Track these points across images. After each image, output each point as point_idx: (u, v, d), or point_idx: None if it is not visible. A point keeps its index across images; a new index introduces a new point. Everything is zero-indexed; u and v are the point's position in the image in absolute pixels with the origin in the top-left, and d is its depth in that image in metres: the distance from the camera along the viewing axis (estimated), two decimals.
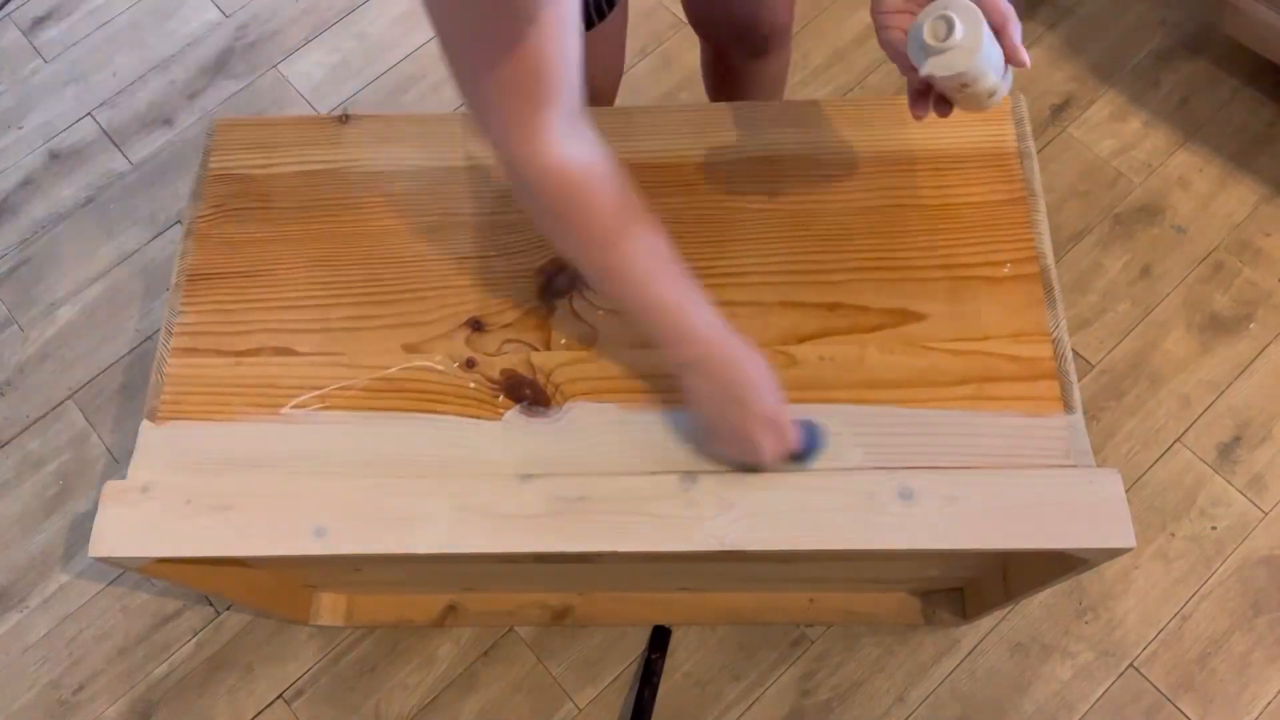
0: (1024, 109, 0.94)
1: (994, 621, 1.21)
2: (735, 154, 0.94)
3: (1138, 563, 1.23)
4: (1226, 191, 1.44)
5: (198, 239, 0.94)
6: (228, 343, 0.89)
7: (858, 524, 0.76)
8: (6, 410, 1.41)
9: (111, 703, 1.23)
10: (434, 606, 1.22)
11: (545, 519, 0.78)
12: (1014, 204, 0.90)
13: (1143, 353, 1.34)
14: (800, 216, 0.91)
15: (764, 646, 1.21)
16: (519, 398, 0.85)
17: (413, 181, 0.95)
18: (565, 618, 1.21)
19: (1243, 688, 1.17)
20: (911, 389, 0.83)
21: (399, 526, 0.78)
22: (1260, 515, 1.25)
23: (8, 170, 1.59)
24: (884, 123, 0.95)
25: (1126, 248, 1.41)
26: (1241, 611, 1.20)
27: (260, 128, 0.99)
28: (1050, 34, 1.57)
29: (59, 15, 1.73)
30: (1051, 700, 1.17)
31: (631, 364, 0.85)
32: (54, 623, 1.28)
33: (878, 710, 1.18)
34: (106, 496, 0.81)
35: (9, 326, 1.47)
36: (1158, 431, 1.30)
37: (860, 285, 0.87)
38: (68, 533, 1.33)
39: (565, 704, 1.20)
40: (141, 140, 1.61)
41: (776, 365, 0.84)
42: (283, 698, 1.23)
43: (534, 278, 0.90)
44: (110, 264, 1.51)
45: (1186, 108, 1.50)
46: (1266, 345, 1.34)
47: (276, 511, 0.79)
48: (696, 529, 0.77)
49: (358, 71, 1.64)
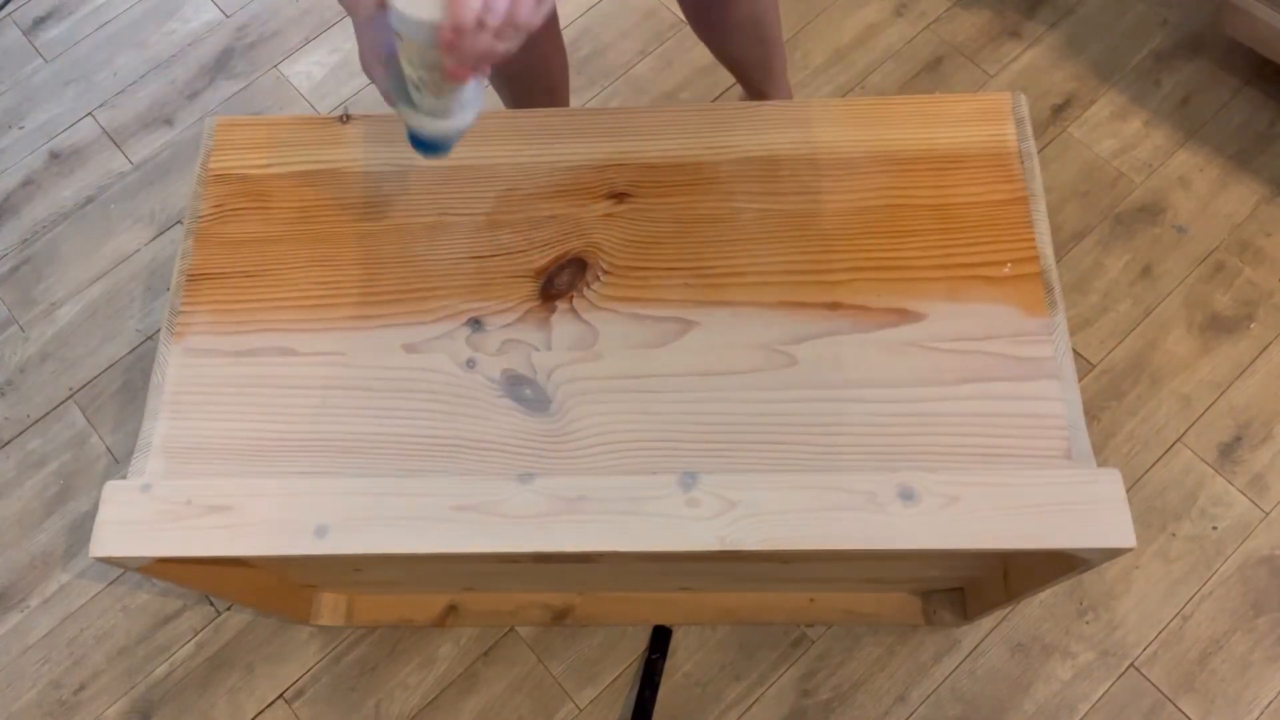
0: (1024, 109, 0.94)
1: (994, 621, 1.21)
2: (735, 154, 0.94)
3: (1138, 563, 1.23)
4: (1227, 191, 1.44)
5: (198, 239, 0.94)
6: (228, 343, 0.89)
7: (858, 524, 0.76)
8: (7, 410, 1.41)
9: (112, 702, 1.23)
10: (434, 606, 1.23)
11: (545, 519, 0.78)
12: (1014, 204, 0.90)
13: (1143, 353, 1.34)
14: (800, 216, 0.91)
15: (764, 646, 1.21)
16: (519, 398, 0.85)
17: (413, 181, 0.95)
18: (566, 618, 1.21)
19: (1244, 688, 1.16)
20: (911, 389, 0.83)
21: (399, 526, 0.78)
22: (1261, 515, 1.25)
23: (8, 170, 1.59)
24: (884, 123, 0.95)
25: (1127, 248, 1.41)
26: (1242, 612, 1.20)
27: (260, 128, 0.99)
28: (1050, 34, 1.57)
29: (59, 15, 1.73)
30: (1052, 700, 1.17)
31: (631, 364, 0.85)
32: (54, 623, 1.28)
33: (878, 710, 1.18)
34: (107, 496, 0.81)
35: (9, 326, 1.47)
36: (1158, 431, 1.30)
37: (860, 285, 0.87)
38: (68, 533, 1.33)
39: (566, 704, 1.20)
40: (142, 140, 1.61)
41: (776, 365, 0.84)
42: (283, 698, 1.23)
43: (534, 278, 0.90)
44: (110, 264, 1.51)
45: (1187, 108, 1.50)
46: (1267, 345, 1.34)
47: (276, 511, 0.79)
48: (696, 529, 0.77)
49: (358, 71, 1.64)
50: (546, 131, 0.97)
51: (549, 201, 0.93)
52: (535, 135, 0.97)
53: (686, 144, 0.95)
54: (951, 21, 1.60)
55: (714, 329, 0.86)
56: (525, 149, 0.96)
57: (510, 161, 0.96)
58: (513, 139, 0.96)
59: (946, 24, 1.59)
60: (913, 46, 1.58)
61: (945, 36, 1.58)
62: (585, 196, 0.93)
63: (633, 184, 0.94)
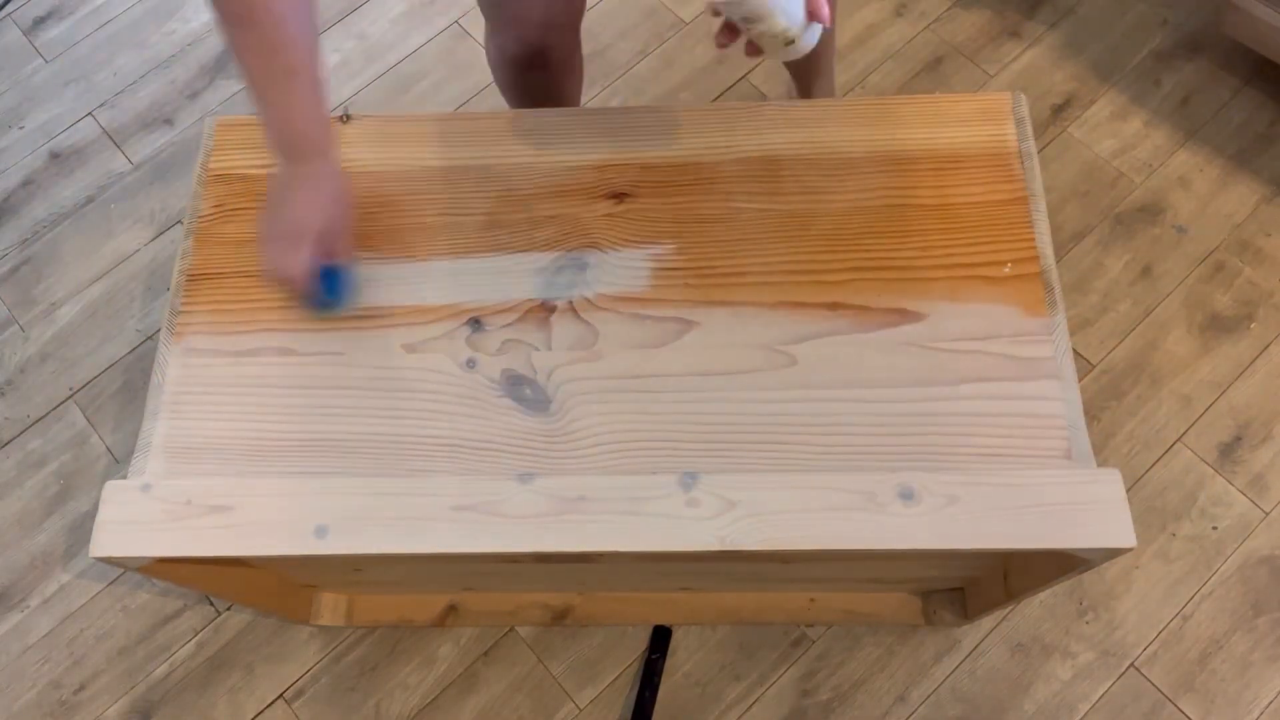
0: (1024, 109, 0.94)
1: (995, 621, 1.21)
2: (735, 154, 0.94)
3: (1138, 563, 1.23)
4: (1227, 191, 1.44)
5: (198, 239, 0.94)
6: (228, 343, 0.89)
7: (858, 524, 0.76)
8: (7, 410, 1.41)
9: (112, 702, 1.23)
10: (434, 606, 1.23)
11: (545, 519, 0.78)
12: (1014, 204, 0.90)
13: (1143, 353, 1.34)
14: (800, 216, 0.91)
15: (764, 646, 1.21)
16: (519, 398, 0.85)
17: (413, 181, 0.95)
18: (566, 618, 1.21)
19: (1244, 688, 1.16)
20: (911, 389, 0.83)
21: (399, 526, 0.78)
22: (1261, 515, 1.25)
23: (8, 170, 1.59)
24: (884, 123, 0.95)
25: (1127, 248, 1.41)
26: (1242, 612, 1.20)
27: (260, 128, 0.99)
28: (1050, 34, 1.57)
29: (59, 15, 1.73)
30: (1052, 700, 1.17)
31: (631, 364, 0.85)
32: (55, 623, 1.28)
33: (878, 710, 1.18)
34: (107, 496, 0.81)
35: (9, 326, 1.47)
36: (1158, 431, 1.30)
37: (860, 285, 0.87)
38: (68, 533, 1.33)
39: (566, 704, 1.20)
40: (142, 140, 1.61)
41: (776, 365, 0.84)
42: (283, 698, 1.23)
43: (534, 277, 0.90)
44: (110, 264, 1.51)
45: (1187, 108, 1.50)
46: (1267, 345, 1.34)
47: (276, 511, 0.79)
48: (696, 529, 0.77)
49: (358, 71, 1.64)
50: (546, 131, 0.97)
51: (549, 201, 0.93)
52: (535, 135, 0.97)
53: (686, 144, 0.95)
54: (951, 21, 1.60)
55: (714, 329, 0.86)
56: (525, 149, 0.96)
57: (510, 161, 0.96)
58: (513, 139, 0.96)
59: (946, 24, 1.59)
60: (913, 46, 1.58)
61: (945, 36, 1.58)
62: (585, 196, 0.93)
63: (633, 184, 0.94)
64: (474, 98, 1.60)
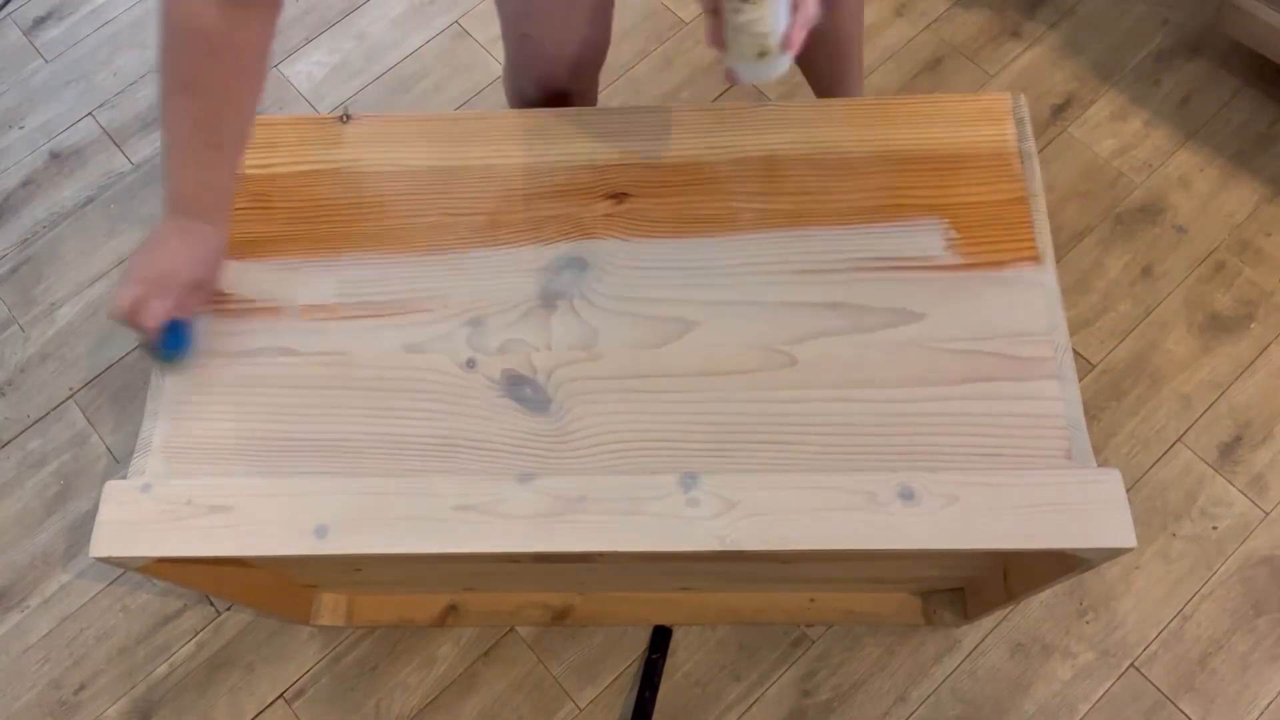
0: (1024, 109, 0.94)
1: (995, 621, 1.21)
2: (735, 154, 0.94)
3: (1139, 563, 1.23)
4: (1227, 191, 1.44)
5: None
6: (228, 343, 0.89)
7: (858, 524, 0.76)
8: (7, 410, 1.41)
9: (112, 702, 1.23)
10: (434, 606, 1.23)
11: (545, 519, 0.78)
12: (1014, 204, 0.90)
13: (1143, 353, 1.34)
14: (800, 216, 0.91)
15: (764, 646, 1.21)
16: (519, 397, 0.85)
17: (413, 181, 0.95)
18: (566, 618, 1.21)
19: (1244, 688, 1.16)
20: (911, 389, 0.83)
21: (399, 526, 0.78)
22: (1261, 515, 1.25)
23: (8, 170, 1.59)
24: (884, 123, 0.95)
25: (1127, 248, 1.41)
26: (1242, 612, 1.20)
27: (260, 127, 0.99)
28: (1050, 34, 1.57)
29: (59, 15, 1.73)
30: (1052, 700, 1.17)
31: (631, 364, 0.85)
32: (55, 623, 1.28)
33: (878, 710, 1.18)
34: (107, 496, 0.81)
35: (9, 326, 1.47)
36: (1159, 431, 1.30)
37: (860, 285, 0.87)
38: (68, 533, 1.33)
39: (566, 704, 1.20)
40: (142, 140, 1.61)
41: (776, 365, 0.84)
42: (283, 698, 1.23)
43: (534, 277, 0.90)
44: (111, 264, 1.51)
45: (1187, 107, 1.50)
46: (1268, 345, 1.34)
47: (276, 511, 0.79)
48: (696, 529, 0.77)
49: (358, 71, 1.64)
50: (546, 131, 0.97)
51: (549, 201, 0.93)
52: (535, 135, 0.97)
53: (686, 144, 0.95)
54: (951, 21, 1.60)
55: (714, 329, 0.86)
56: (525, 149, 0.96)
57: (510, 161, 0.96)
58: (513, 139, 0.96)
59: (946, 24, 1.59)
60: (913, 46, 1.58)
61: (945, 36, 1.58)
62: (585, 196, 0.93)
63: (633, 184, 0.94)
64: (474, 98, 1.60)
